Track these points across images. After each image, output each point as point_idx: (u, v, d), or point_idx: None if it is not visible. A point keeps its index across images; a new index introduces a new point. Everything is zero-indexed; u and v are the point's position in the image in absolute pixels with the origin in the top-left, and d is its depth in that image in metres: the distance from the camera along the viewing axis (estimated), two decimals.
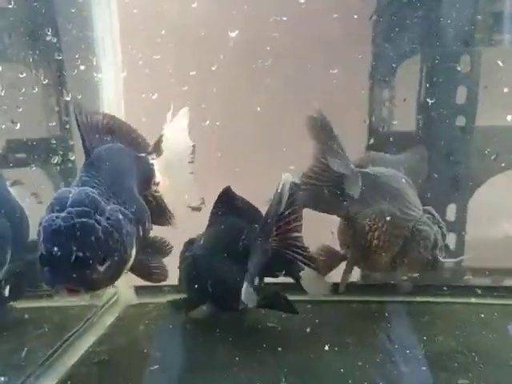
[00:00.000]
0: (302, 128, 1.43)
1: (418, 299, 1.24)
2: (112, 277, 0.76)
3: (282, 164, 1.18)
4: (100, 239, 0.72)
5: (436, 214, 1.18)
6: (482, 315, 1.12)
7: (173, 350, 0.98)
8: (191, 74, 1.25)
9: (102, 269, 0.72)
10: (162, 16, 1.24)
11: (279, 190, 0.94)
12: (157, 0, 1.20)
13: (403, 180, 1.19)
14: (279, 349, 0.97)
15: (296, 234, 0.97)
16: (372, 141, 1.69)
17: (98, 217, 0.73)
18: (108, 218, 0.75)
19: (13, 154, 1.26)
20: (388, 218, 1.11)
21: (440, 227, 1.16)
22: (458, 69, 1.50)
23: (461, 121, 1.53)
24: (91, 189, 0.78)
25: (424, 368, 0.88)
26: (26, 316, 1.07)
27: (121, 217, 0.78)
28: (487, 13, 1.50)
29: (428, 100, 1.60)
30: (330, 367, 0.89)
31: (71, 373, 0.90)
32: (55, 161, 1.20)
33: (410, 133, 1.66)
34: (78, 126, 0.86)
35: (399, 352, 0.95)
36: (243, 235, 1.00)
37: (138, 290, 1.19)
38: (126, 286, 1.23)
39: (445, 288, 1.30)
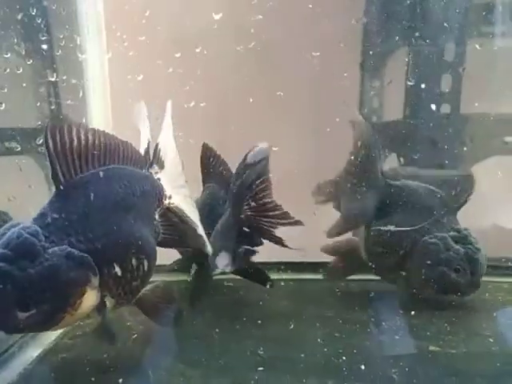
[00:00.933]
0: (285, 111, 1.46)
1: None
2: (47, 321, 0.70)
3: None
4: (20, 286, 0.67)
5: (468, 235, 1.09)
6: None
7: (155, 323, 1.00)
8: (176, 55, 1.27)
9: (24, 315, 0.68)
10: None
11: (251, 160, 0.96)
12: None
13: (431, 194, 1.16)
14: (259, 321, 1.00)
15: (268, 200, 1.00)
16: None
17: (24, 262, 0.67)
18: (40, 263, 0.68)
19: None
20: (390, 228, 1.09)
21: (467, 248, 1.06)
22: (443, 58, 1.54)
23: (446, 108, 1.56)
24: (34, 227, 0.71)
25: (397, 337, 0.92)
26: None
27: (64, 261, 0.70)
28: (472, 4, 1.53)
29: (414, 89, 1.64)
30: (308, 337, 0.93)
31: (55, 343, 0.92)
32: (40, 141, 1.21)
33: (397, 122, 1.70)
34: (48, 149, 0.74)
35: (375, 324, 0.98)
36: (219, 202, 1.03)
37: None
38: None
39: None
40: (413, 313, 1.02)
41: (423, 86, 1.58)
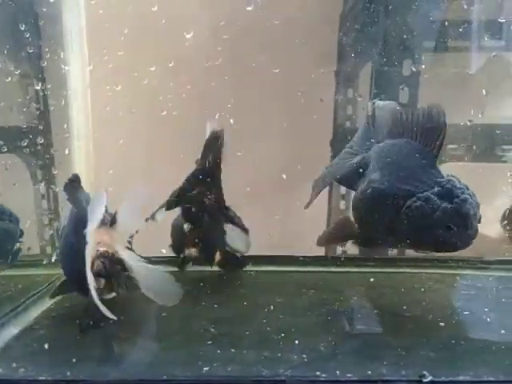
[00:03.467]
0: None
1: (353, 269, 1.43)
2: None
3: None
4: None
5: (453, 188, 0.99)
6: (400, 281, 1.33)
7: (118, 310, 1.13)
8: (151, 69, 1.41)
9: None
10: (125, 16, 1.38)
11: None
12: (120, 2, 1.35)
13: (415, 151, 1.07)
14: (215, 306, 1.14)
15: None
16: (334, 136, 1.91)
17: None
18: None
19: None
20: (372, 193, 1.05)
21: (455, 203, 0.97)
22: (401, 71, 1.71)
23: None
24: None
25: (329, 318, 1.07)
26: None
27: None
28: (426, 21, 1.70)
29: (376, 99, 1.80)
30: (255, 319, 1.07)
31: (34, 322, 1.05)
32: (25, 143, 1.34)
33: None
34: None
35: (313, 309, 1.12)
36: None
37: None
38: None
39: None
40: (352, 299, 1.19)
41: (383, 96, 1.75)
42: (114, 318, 0.91)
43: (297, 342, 0.95)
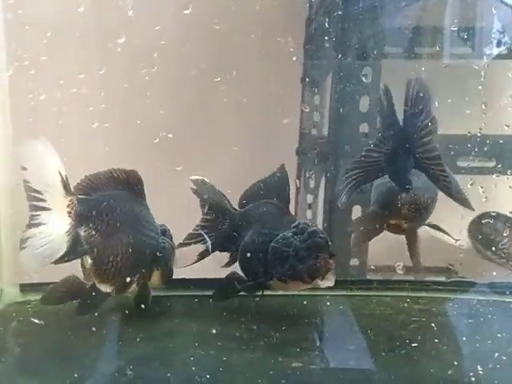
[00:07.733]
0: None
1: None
2: None
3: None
4: None
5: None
6: (341, 307, 1.23)
7: (33, 345, 1.01)
8: (80, 76, 1.29)
9: None
10: (47, 17, 1.26)
11: None
12: (42, 2, 1.23)
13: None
14: (138, 339, 1.02)
15: None
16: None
17: None
18: None
19: None
20: None
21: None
22: (361, 80, 1.64)
23: (364, 128, 1.66)
24: None
25: (262, 353, 0.96)
26: None
27: None
28: (385, 28, 1.64)
29: (336, 108, 1.73)
30: (182, 356, 0.96)
31: None
32: None
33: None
34: None
35: (249, 340, 1.02)
36: None
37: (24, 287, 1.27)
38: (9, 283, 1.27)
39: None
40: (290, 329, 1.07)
41: (344, 105, 1.68)
42: None
43: None
